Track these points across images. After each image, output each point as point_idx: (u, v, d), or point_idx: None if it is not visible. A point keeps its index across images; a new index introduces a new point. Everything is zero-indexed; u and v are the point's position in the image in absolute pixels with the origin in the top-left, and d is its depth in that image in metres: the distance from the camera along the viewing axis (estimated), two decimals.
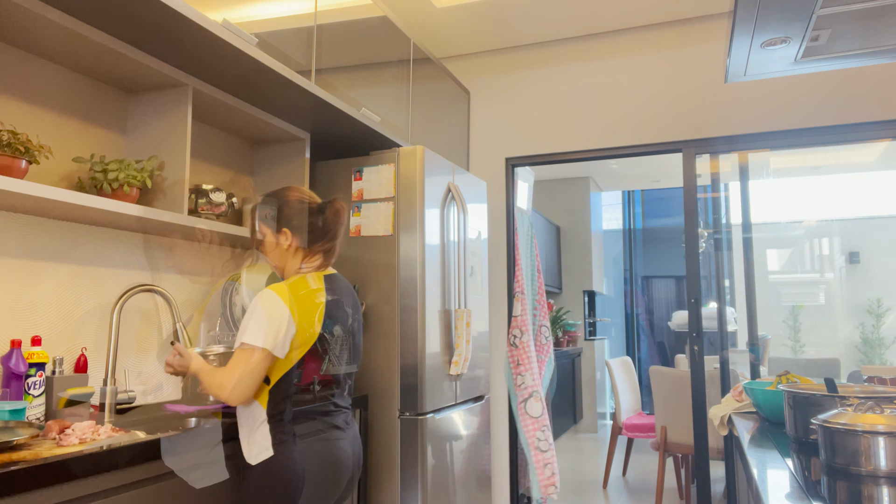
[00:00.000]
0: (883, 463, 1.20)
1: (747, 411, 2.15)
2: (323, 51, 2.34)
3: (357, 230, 2.64)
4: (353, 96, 2.53)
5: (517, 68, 3.67)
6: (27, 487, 1.20)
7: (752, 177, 3.51)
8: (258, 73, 2.05)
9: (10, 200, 1.60)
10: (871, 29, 1.67)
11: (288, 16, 2.17)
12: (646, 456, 5.62)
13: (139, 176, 1.89)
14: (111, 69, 1.93)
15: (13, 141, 1.55)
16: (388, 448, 2.46)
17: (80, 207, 1.69)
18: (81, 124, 1.96)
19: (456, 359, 2.68)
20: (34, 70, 1.82)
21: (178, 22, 1.72)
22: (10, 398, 1.66)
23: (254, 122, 2.42)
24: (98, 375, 1.98)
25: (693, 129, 3.27)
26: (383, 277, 2.56)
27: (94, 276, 2.00)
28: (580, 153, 3.50)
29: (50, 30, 1.67)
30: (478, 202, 3.16)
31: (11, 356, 1.66)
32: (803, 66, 1.93)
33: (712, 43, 3.29)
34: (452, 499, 2.67)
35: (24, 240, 1.79)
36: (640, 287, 9.44)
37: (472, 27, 3.43)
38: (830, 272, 6.52)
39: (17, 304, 1.77)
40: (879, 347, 6.06)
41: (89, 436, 1.47)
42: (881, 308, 6.09)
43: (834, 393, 1.55)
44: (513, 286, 3.52)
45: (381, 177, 2.62)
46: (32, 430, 1.38)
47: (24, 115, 1.79)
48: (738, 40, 1.77)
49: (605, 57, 3.49)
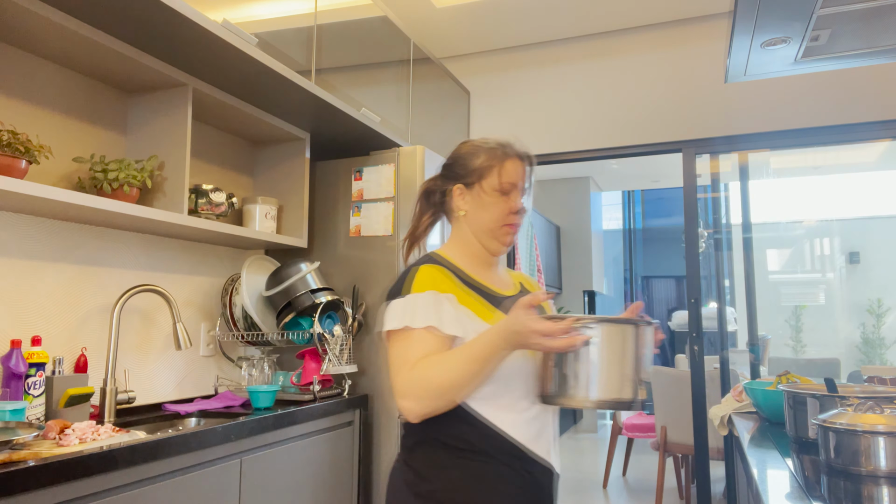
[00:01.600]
0: (883, 463, 1.20)
1: (747, 411, 2.15)
2: (323, 51, 2.34)
3: (357, 230, 2.64)
4: (353, 96, 2.53)
5: (517, 68, 3.67)
6: (27, 487, 1.20)
7: (752, 177, 3.51)
8: (258, 73, 2.05)
9: (10, 200, 1.60)
10: (871, 29, 1.67)
11: (288, 16, 2.17)
12: (646, 456, 5.62)
13: (139, 176, 1.89)
14: (111, 69, 1.93)
15: (13, 141, 1.55)
16: (388, 448, 2.46)
17: (80, 207, 1.69)
18: (81, 124, 1.96)
19: None
20: (34, 70, 1.82)
21: (178, 22, 1.72)
22: (10, 398, 1.66)
23: (254, 122, 2.42)
24: (98, 375, 1.98)
25: (693, 129, 3.27)
26: (383, 277, 2.56)
27: (94, 276, 2.00)
28: (580, 153, 3.50)
29: (50, 30, 1.67)
30: None
31: (11, 356, 1.66)
32: (803, 66, 1.93)
33: (712, 43, 3.28)
34: None
35: (24, 240, 1.79)
36: (640, 287, 9.44)
37: (472, 27, 3.42)
38: (831, 272, 6.52)
39: (17, 304, 1.77)
40: (880, 347, 6.06)
41: (89, 436, 1.47)
42: (881, 308, 6.09)
43: (834, 393, 1.55)
44: None
45: (381, 177, 2.62)
46: (32, 430, 1.38)
47: (24, 115, 1.79)
48: (738, 40, 1.77)
49: (604, 57, 3.49)
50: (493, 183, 1.34)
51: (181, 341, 1.98)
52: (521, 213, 1.36)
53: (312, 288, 2.42)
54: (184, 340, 1.98)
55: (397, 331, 1.22)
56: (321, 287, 2.46)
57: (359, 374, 2.55)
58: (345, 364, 2.41)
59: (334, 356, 2.37)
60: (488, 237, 1.37)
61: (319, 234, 2.72)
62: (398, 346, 1.21)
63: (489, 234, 1.36)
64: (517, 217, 1.36)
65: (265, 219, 2.46)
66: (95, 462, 1.33)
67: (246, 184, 2.68)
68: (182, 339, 1.98)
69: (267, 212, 2.47)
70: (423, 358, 1.17)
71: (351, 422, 2.37)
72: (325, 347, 2.38)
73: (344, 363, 2.41)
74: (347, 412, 2.35)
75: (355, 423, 2.40)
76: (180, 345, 1.97)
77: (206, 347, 2.43)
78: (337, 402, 2.26)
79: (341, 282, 2.64)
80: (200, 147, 2.44)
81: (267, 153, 2.70)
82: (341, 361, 2.41)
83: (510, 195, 1.35)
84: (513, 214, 1.35)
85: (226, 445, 1.73)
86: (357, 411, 2.41)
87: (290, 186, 2.62)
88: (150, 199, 2.04)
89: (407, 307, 1.22)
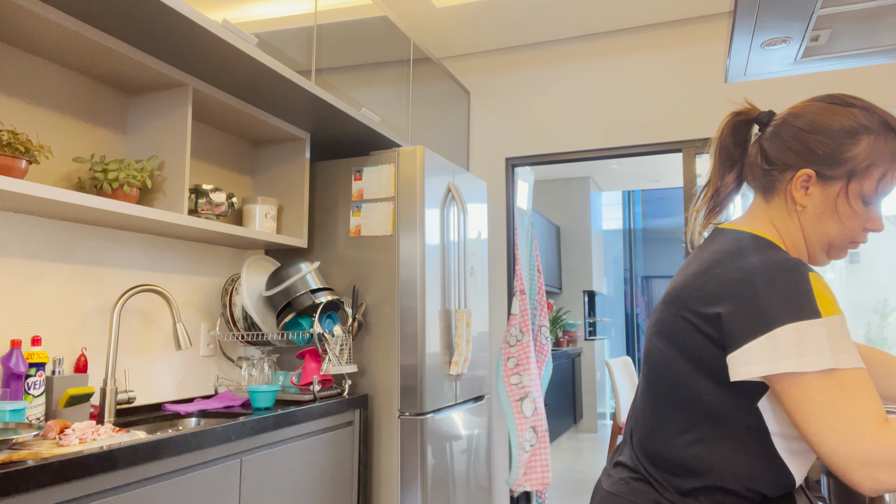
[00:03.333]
0: None
1: None
2: (323, 51, 2.34)
3: (357, 230, 2.64)
4: (353, 96, 2.53)
5: (517, 68, 3.67)
6: (27, 487, 1.20)
7: None
8: (258, 73, 2.05)
9: (10, 200, 1.60)
10: (871, 29, 1.67)
11: (288, 16, 2.17)
12: None
13: (139, 176, 1.89)
14: (111, 69, 1.94)
15: (13, 141, 1.55)
16: (388, 448, 2.46)
17: (80, 207, 1.69)
18: (81, 124, 1.97)
19: (456, 359, 2.68)
20: (34, 70, 1.82)
21: (178, 22, 1.72)
22: (10, 398, 1.66)
23: (254, 122, 2.42)
24: (98, 375, 1.98)
25: (693, 129, 3.27)
26: (383, 277, 2.56)
27: (94, 276, 2.00)
28: (580, 153, 3.50)
29: (50, 30, 1.67)
30: (478, 202, 3.16)
31: (11, 356, 1.66)
32: (803, 66, 1.93)
33: (712, 43, 3.29)
34: (452, 498, 2.67)
35: (24, 240, 1.79)
36: (640, 287, 9.44)
37: (471, 27, 3.43)
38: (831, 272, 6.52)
39: (17, 304, 1.77)
40: (883, 347, 6.06)
41: (89, 436, 1.47)
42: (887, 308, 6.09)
43: None
44: (513, 286, 3.52)
45: (381, 177, 2.62)
46: (32, 430, 1.38)
47: (24, 115, 1.79)
48: (738, 40, 1.77)
49: (605, 57, 3.49)
50: (867, 189, 0.95)
51: (181, 341, 1.98)
52: (875, 231, 0.98)
53: (312, 288, 2.42)
54: (184, 340, 1.98)
55: (818, 373, 0.83)
56: (321, 287, 2.46)
57: (359, 374, 2.55)
58: (345, 364, 2.41)
59: (334, 356, 2.38)
60: (821, 251, 1.00)
61: (319, 234, 2.73)
62: (831, 393, 0.83)
63: (824, 247, 1.00)
64: (866, 236, 1.00)
65: (265, 219, 2.46)
66: (95, 462, 1.33)
67: (246, 184, 2.68)
68: (182, 339, 1.98)
69: (267, 212, 2.47)
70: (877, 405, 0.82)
71: (351, 422, 2.37)
72: (325, 347, 2.38)
73: (344, 363, 2.41)
74: (347, 412, 2.35)
75: (355, 423, 2.40)
76: (180, 345, 1.97)
77: (206, 347, 2.43)
78: (337, 402, 2.26)
79: (341, 282, 2.64)
80: (200, 147, 2.44)
81: (267, 153, 2.70)
82: (341, 361, 2.41)
83: (875, 205, 0.97)
84: (864, 233, 0.99)
85: (226, 445, 1.73)
86: (357, 411, 2.41)
87: (290, 186, 2.62)
88: (150, 199, 2.04)
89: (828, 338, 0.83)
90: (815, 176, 0.97)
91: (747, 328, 0.87)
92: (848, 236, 0.98)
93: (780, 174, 1.00)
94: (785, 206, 1.01)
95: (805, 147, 0.97)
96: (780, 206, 1.01)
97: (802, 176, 0.97)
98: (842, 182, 0.96)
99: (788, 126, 1.00)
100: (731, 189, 1.05)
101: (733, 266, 0.92)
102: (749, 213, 1.06)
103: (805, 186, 0.98)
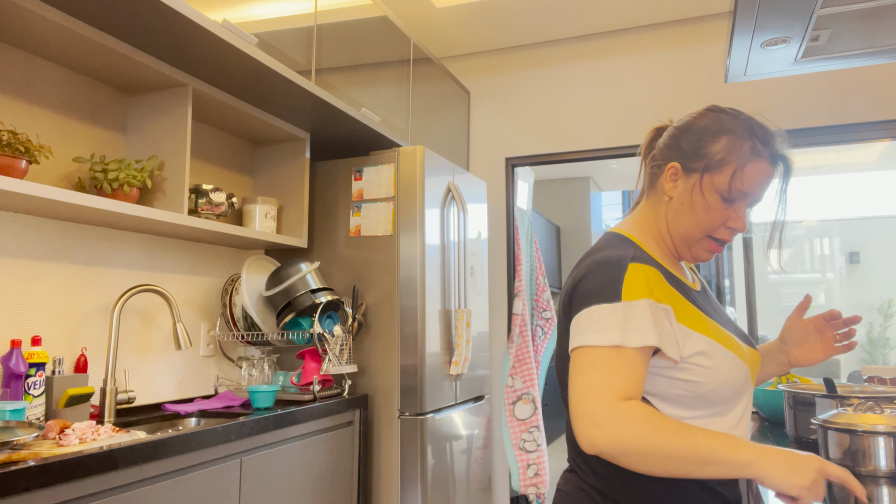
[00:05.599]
0: (883, 463, 1.20)
1: None
2: (323, 51, 2.34)
3: (357, 230, 2.64)
4: (353, 96, 2.53)
5: (517, 68, 3.67)
6: (27, 487, 1.20)
7: None
8: (258, 73, 2.05)
9: (10, 200, 1.60)
10: (871, 29, 1.67)
11: (288, 16, 2.17)
12: None
13: (139, 176, 1.89)
14: (111, 69, 1.94)
15: (13, 141, 1.55)
16: (388, 448, 2.46)
17: (80, 207, 1.69)
18: (81, 124, 1.97)
19: (456, 359, 2.68)
20: (34, 70, 1.82)
21: (178, 22, 1.72)
22: (10, 398, 1.66)
23: (254, 122, 2.42)
24: (98, 375, 1.98)
25: None
26: (383, 277, 2.56)
27: (94, 276, 2.00)
28: (580, 153, 3.50)
29: (50, 30, 1.67)
30: (478, 202, 3.16)
31: (11, 356, 1.66)
32: (803, 66, 1.93)
33: (712, 43, 3.28)
34: (452, 498, 2.67)
35: (24, 240, 1.79)
36: None
37: (471, 27, 3.42)
38: (831, 272, 6.51)
39: (17, 304, 1.77)
40: (884, 347, 6.05)
41: (89, 436, 1.47)
42: (891, 308, 6.08)
43: (833, 393, 1.55)
44: (513, 286, 3.52)
45: (381, 177, 2.62)
46: (32, 430, 1.38)
47: (24, 115, 1.79)
48: (738, 40, 1.77)
49: (604, 57, 3.49)
50: (720, 184, 1.03)
51: (181, 341, 1.98)
52: (736, 231, 1.04)
53: (312, 288, 2.42)
54: (184, 340, 1.98)
55: (602, 347, 0.94)
56: (321, 287, 2.46)
57: (359, 374, 2.55)
58: (345, 364, 2.41)
59: (334, 356, 2.38)
60: (683, 244, 1.09)
61: (319, 234, 2.73)
62: (602, 366, 0.93)
63: (684, 241, 1.08)
64: (729, 234, 1.06)
65: (265, 219, 2.46)
66: (95, 462, 1.33)
67: (246, 184, 2.68)
68: (182, 339, 1.98)
69: (267, 212, 2.47)
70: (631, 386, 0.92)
71: (351, 422, 2.37)
72: (325, 347, 2.38)
73: (344, 363, 2.41)
74: (347, 412, 2.35)
75: (355, 423, 2.40)
76: (180, 345, 1.97)
77: (206, 347, 2.43)
78: (337, 402, 2.26)
79: (341, 282, 2.64)
80: (200, 147, 2.44)
81: (267, 153, 2.70)
82: (341, 361, 2.41)
83: (736, 204, 1.04)
84: (725, 229, 1.06)
85: (226, 445, 1.73)
86: (357, 411, 2.41)
87: (290, 186, 2.62)
88: (150, 199, 2.04)
89: (623, 319, 0.95)
90: (681, 169, 1.08)
91: (572, 311, 1.03)
92: (703, 229, 1.06)
93: (658, 170, 1.12)
94: (659, 199, 1.12)
95: (676, 143, 1.10)
96: (655, 200, 1.13)
97: (671, 168, 1.09)
98: (698, 175, 1.06)
99: (671, 129, 1.13)
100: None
101: (585, 262, 1.07)
102: (631, 211, 1.20)
103: (674, 179, 1.09)
